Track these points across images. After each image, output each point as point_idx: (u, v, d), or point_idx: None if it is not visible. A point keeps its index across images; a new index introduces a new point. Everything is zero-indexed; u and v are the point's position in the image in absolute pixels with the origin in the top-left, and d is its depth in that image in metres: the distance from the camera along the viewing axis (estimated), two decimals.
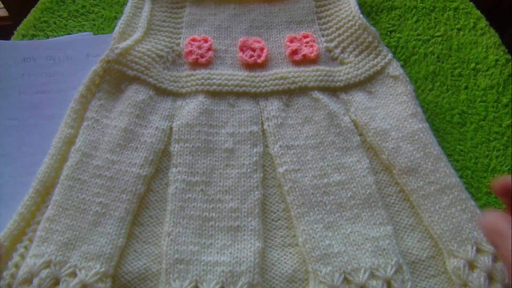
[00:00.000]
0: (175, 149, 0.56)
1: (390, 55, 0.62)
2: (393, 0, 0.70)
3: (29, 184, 0.56)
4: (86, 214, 0.51)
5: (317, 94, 0.59)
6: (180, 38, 0.64)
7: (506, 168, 0.59)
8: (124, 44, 0.60)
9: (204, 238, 0.51)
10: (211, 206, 0.53)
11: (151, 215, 0.53)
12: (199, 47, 0.62)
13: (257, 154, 0.56)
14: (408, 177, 0.54)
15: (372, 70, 0.61)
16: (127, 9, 0.64)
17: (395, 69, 0.61)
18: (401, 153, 0.55)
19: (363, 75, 0.61)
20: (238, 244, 0.51)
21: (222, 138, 0.57)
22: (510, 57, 0.66)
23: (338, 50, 0.63)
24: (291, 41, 0.64)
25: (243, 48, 0.63)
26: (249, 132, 0.57)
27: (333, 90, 0.60)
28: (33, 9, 0.71)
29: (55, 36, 0.68)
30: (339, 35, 0.64)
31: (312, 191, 0.53)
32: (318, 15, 0.66)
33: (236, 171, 0.55)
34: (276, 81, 0.60)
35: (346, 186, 0.54)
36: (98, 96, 0.58)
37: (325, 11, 0.66)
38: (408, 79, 0.60)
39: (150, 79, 0.59)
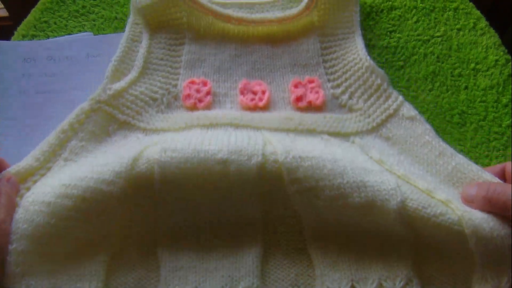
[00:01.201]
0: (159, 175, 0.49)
1: (401, 98, 0.58)
2: (393, 0, 0.70)
3: None
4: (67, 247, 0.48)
5: (327, 137, 0.55)
6: (178, 79, 0.60)
7: None
8: (117, 86, 0.57)
9: (203, 246, 0.51)
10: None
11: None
12: (198, 91, 0.59)
13: (255, 166, 0.49)
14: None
15: (384, 114, 0.57)
16: (123, 42, 0.61)
17: (410, 109, 0.57)
18: (440, 194, 0.49)
19: (376, 121, 0.57)
20: (237, 248, 0.51)
21: (215, 152, 0.49)
22: (510, 57, 0.66)
23: (345, 96, 0.59)
24: (296, 86, 0.59)
25: (243, 91, 0.59)
26: (247, 142, 0.51)
27: (344, 136, 0.56)
28: (33, 9, 0.70)
29: (55, 36, 0.68)
30: (346, 79, 0.60)
31: (327, 213, 0.49)
32: (323, 57, 0.62)
33: (232, 184, 0.49)
34: (281, 120, 0.56)
35: (367, 211, 0.48)
36: (80, 137, 0.54)
37: (330, 54, 0.62)
38: (424, 118, 0.57)
39: (141, 124, 0.56)
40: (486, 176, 0.52)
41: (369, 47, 0.67)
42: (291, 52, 0.62)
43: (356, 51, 0.61)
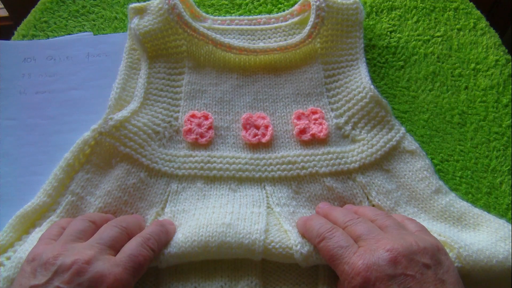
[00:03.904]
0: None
1: (403, 129, 0.58)
2: (393, 0, 0.70)
3: (29, 184, 0.56)
4: None
5: (330, 182, 0.54)
6: (178, 112, 0.58)
7: (506, 168, 0.59)
8: (119, 116, 0.55)
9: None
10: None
11: None
12: (199, 125, 0.57)
13: (258, 231, 0.48)
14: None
15: (387, 146, 0.56)
16: (122, 69, 0.60)
17: (411, 143, 0.57)
18: (434, 231, 0.50)
19: (379, 152, 0.56)
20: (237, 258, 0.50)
21: (220, 216, 0.50)
22: (510, 57, 0.66)
23: (348, 127, 0.58)
24: (299, 118, 0.58)
25: (246, 126, 0.58)
26: (251, 212, 0.51)
27: (347, 173, 0.55)
28: (33, 9, 0.71)
29: (55, 36, 0.68)
30: (349, 108, 0.58)
31: None
32: (327, 86, 0.60)
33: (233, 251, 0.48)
34: (283, 166, 0.55)
35: None
36: (86, 169, 0.53)
37: (334, 82, 0.60)
38: (424, 153, 0.57)
39: (143, 159, 0.54)
40: (476, 211, 0.53)
41: (369, 47, 0.67)
42: (294, 81, 0.61)
43: (360, 79, 0.59)
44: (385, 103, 0.58)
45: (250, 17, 0.66)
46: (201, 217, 0.50)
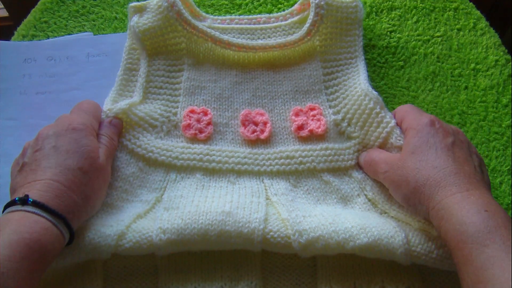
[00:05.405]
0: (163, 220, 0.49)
1: (392, 122, 0.55)
2: (393, 0, 0.70)
3: None
4: None
5: (327, 177, 0.55)
6: (177, 107, 0.59)
7: (506, 168, 0.59)
8: (118, 108, 0.55)
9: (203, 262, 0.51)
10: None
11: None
12: (198, 121, 0.57)
13: (257, 220, 0.48)
14: None
15: (375, 143, 0.56)
16: (120, 73, 0.60)
17: (398, 137, 0.54)
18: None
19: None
20: (237, 255, 0.50)
21: (219, 204, 0.50)
22: (510, 57, 0.66)
23: (344, 124, 0.58)
24: (297, 114, 0.59)
25: (245, 122, 0.58)
26: (250, 202, 0.51)
27: (343, 170, 0.56)
28: (33, 9, 0.71)
29: (56, 37, 0.68)
30: (345, 105, 0.59)
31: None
32: (325, 84, 0.60)
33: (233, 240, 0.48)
34: (282, 160, 0.55)
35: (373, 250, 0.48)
36: None
37: (333, 80, 0.61)
38: None
39: (138, 149, 0.55)
40: None
41: (369, 47, 0.67)
42: (292, 78, 0.61)
43: (357, 77, 0.59)
44: (375, 96, 0.57)
45: (250, 16, 0.67)
46: (201, 204, 0.49)
